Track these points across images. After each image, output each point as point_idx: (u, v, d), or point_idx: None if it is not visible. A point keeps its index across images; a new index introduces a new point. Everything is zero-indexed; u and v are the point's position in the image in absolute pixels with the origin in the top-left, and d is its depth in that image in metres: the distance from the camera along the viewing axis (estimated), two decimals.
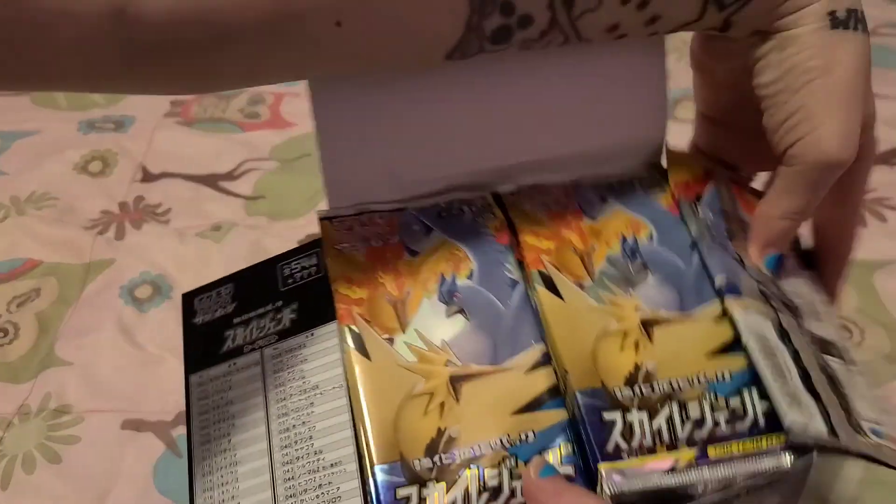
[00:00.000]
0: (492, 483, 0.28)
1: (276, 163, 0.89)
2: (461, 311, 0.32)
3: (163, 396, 0.62)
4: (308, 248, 0.37)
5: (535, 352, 0.31)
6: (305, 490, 0.30)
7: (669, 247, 0.34)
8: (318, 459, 0.31)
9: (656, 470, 0.28)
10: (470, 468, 0.29)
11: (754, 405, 0.30)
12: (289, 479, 0.31)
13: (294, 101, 1.01)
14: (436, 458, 0.29)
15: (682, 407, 0.30)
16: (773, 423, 0.29)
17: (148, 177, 0.87)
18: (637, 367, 0.30)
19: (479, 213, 0.35)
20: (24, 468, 0.57)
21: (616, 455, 0.29)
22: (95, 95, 1.03)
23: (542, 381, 0.31)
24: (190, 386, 0.36)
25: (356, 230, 0.35)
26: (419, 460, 0.29)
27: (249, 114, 0.99)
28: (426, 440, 0.29)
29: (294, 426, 0.32)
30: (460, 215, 0.35)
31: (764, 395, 0.30)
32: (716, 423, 0.29)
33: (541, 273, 0.33)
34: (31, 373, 0.64)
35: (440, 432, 0.29)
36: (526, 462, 0.29)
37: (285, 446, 0.32)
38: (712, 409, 0.30)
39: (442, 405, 0.30)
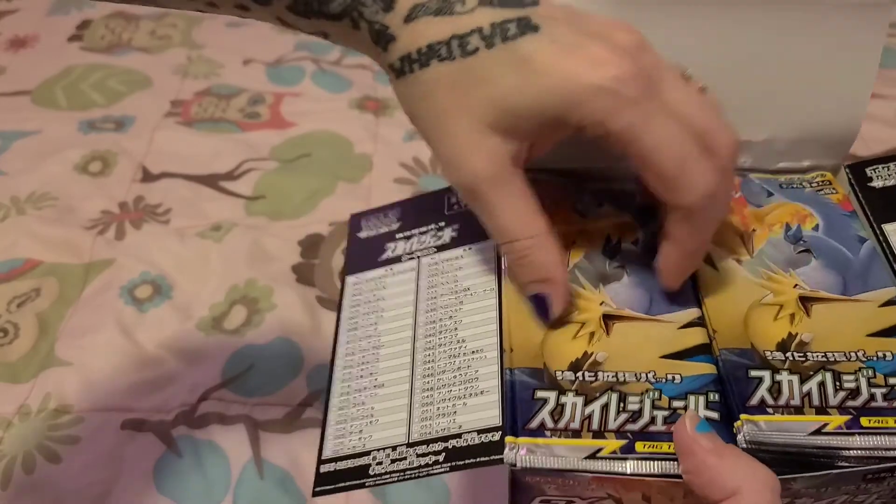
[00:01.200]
0: (632, 407, 0.30)
1: (275, 163, 0.89)
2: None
3: (163, 396, 0.62)
4: None
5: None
6: (444, 371, 0.33)
7: (836, 238, 0.35)
8: (460, 346, 0.33)
9: (802, 430, 0.28)
10: (613, 390, 0.30)
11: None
12: (428, 361, 0.34)
13: (294, 101, 1.01)
14: (579, 374, 0.31)
15: (837, 377, 0.30)
16: None
17: (148, 177, 0.87)
18: (791, 336, 0.31)
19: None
20: (23, 468, 0.57)
21: (760, 409, 0.29)
22: (95, 95, 1.03)
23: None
24: (346, 285, 0.39)
25: None
26: (562, 372, 0.31)
27: (249, 114, 0.98)
28: (571, 359, 0.31)
29: (440, 319, 0.35)
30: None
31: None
32: (872, 397, 0.29)
33: None
34: (31, 373, 0.64)
35: (586, 355, 0.31)
36: (670, 399, 0.30)
37: (429, 335, 0.34)
38: (869, 383, 0.29)
39: (592, 334, 0.32)
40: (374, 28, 0.30)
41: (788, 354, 0.30)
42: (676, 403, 0.30)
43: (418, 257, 0.38)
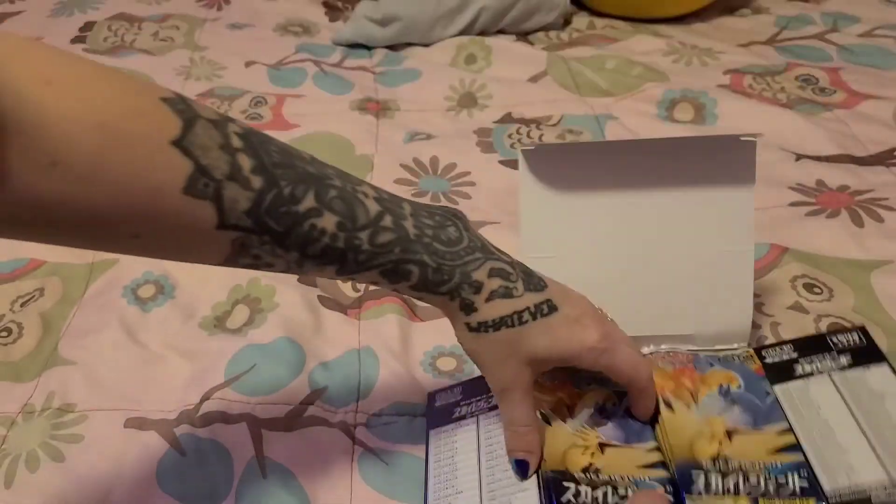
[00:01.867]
0: (620, 492, 0.48)
1: None
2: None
3: (165, 395, 0.62)
4: None
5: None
6: (500, 479, 0.51)
7: (752, 392, 0.54)
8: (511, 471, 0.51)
9: None
10: (608, 484, 0.48)
11: (795, 482, 0.48)
12: (489, 478, 0.52)
13: (296, 102, 1.02)
14: (588, 475, 0.49)
15: (745, 476, 0.48)
16: (807, 492, 0.47)
17: None
18: (719, 454, 0.50)
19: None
20: (27, 467, 0.57)
21: (697, 494, 0.48)
22: None
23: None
24: (430, 437, 0.58)
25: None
26: (578, 473, 0.49)
27: (252, 115, 0.99)
28: (583, 465, 0.50)
29: (497, 454, 0.53)
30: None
31: (801, 476, 0.48)
32: (766, 488, 0.47)
33: (662, 399, 0.54)
34: (34, 372, 0.65)
35: (591, 465, 0.50)
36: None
37: (490, 464, 0.52)
38: (765, 480, 0.48)
39: (593, 454, 0.51)
40: (465, 303, 0.46)
41: (717, 463, 0.49)
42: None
43: (476, 416, 0.57)
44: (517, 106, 1.00)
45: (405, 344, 0.66)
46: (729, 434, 0.51)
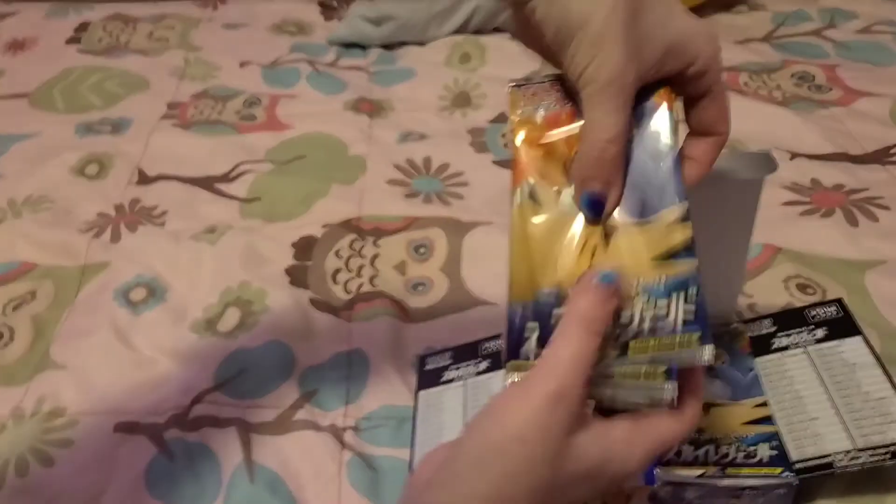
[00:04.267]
0: (723, 451, 0.47)
1: (270, 165, 0.89)
2: None
3: (155, 399, 0.62)
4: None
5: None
6: None
7: (736, 368, 0.51)
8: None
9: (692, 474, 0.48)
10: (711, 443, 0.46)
11: (765, 452, 0.48)
12: None
13: (290, 103, 1.02)
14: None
15: (717, 446, 0.49)
16: (774, 460, 0.49)
17: (144, 179, 0.88)
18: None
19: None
20: (16, 471, 0.57)
21: (670, 461, 0.49)
22: (93, 98, 1.04)
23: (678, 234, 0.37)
24: (419, 397, 0.59)
25: (539, 95, 0.42)
26: (571, 289, 0.37)
27: (245, 116, 0.99)
28: (578, 273, 0.37)
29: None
30: None
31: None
32: (735, 458, 0.47)
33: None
34: (25, 376, 0.65)
35: (590, 268, 0.37)
36: (657, 300, 0.36)
37: None
38: (736, 450, 0.47)
39: (594, 248, 0.38)
40: None
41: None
42: (661, 302, 0.36)
43: (464, 380, 0.58)
44: None
45: (396, 346, 0.66)
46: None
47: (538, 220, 0.39)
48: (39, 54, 1.16)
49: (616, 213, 0.38)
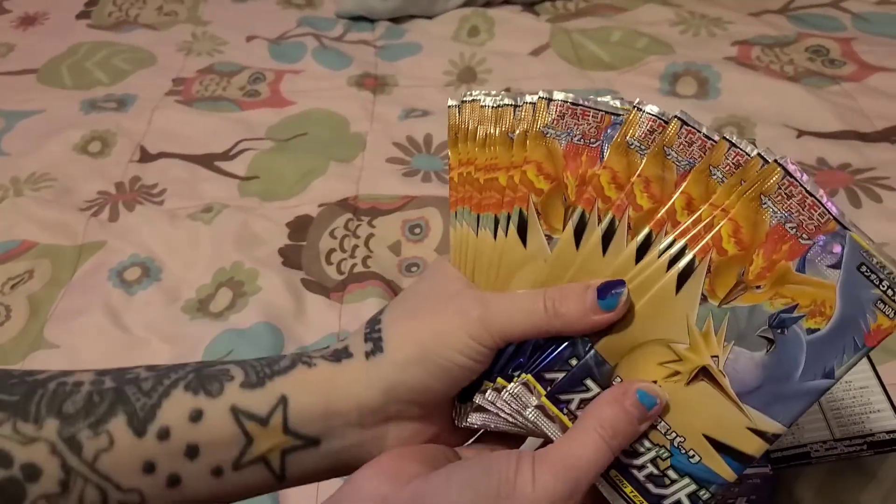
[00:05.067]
0: (638, 448, 0.33)
1: (271, 142, 0.89)
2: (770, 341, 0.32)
3: None
4: None
5: None
6: None
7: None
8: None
9: None
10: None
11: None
12: None
13: (294, 78, 1.01)
14: None
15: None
16: None
17: (146, 157, 0.88)
18: None
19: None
20: None
21: None
22: (100, 74, 1.04)
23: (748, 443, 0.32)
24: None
25: (566, 120, 0.36)
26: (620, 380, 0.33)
27: (249, 92, 0.99)
28: (649, 377, 0.33)
29: None
30: None
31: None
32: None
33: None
34: (19, 355, 0.66)
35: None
36: (672, 467, 0.33)
37: None
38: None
39: (676, 373, 0.33)
40: None
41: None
42: (671, 474, 0.32)
43: None
44: (516, 80, 0.98)
45: None
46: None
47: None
48: (49, 29, 1.17)
49: (730, 375, 0.32)
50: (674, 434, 0.32)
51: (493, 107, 0.37)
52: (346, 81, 1.00)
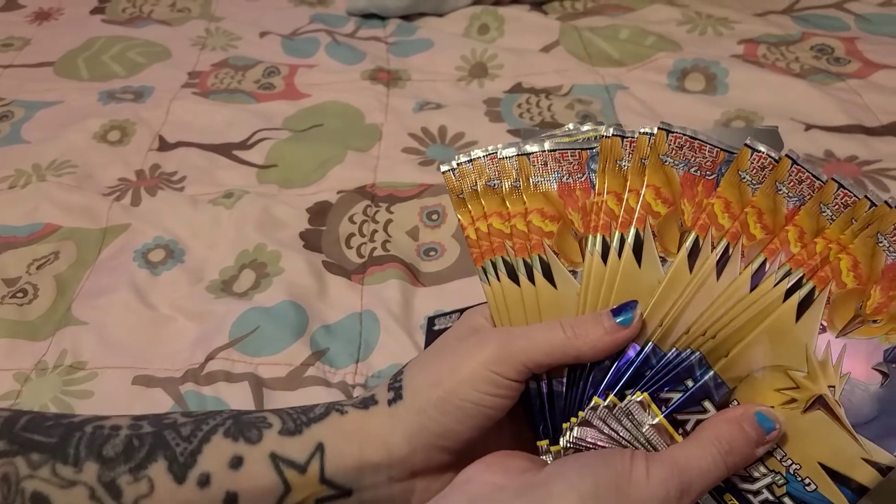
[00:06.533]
0: (754, 473, 0.34)
1: (288, 132, 0.91)
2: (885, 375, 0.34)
3: (172, 354, 0.64)
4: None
5: None
6: None
7: None
8: None
9: None
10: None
11: None
12: None
13: (308, 72, 1.03)
14: None
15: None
16: None
17: (164, 146, 0.90)
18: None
19: None
20: None
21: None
22: (116, 67, 1.06)
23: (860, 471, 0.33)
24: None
25: (550, 165, 0.39)
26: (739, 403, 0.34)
27: (264, 85, 1.00)
28: (769, 402, 0.34)
29: None
30: None
31: None
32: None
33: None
34: (48, 331, 0.67)
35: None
36: (788, 494, 0.33)
37: None
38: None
39: (793, 401, 0.34)
40: None
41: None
42: (787, 501, 0.33)
43: None
44: (528, 76, 1.00)
45: (406, 308, 0.67)
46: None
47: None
48: (64, 24, 1.18)
49: (845, 406, 0.33)
50: (789, 461, 0.33)
51: (507, 158, 0.40)
52: (359, 75, 1.01)
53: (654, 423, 0.34)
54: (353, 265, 0.72)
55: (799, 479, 0.33)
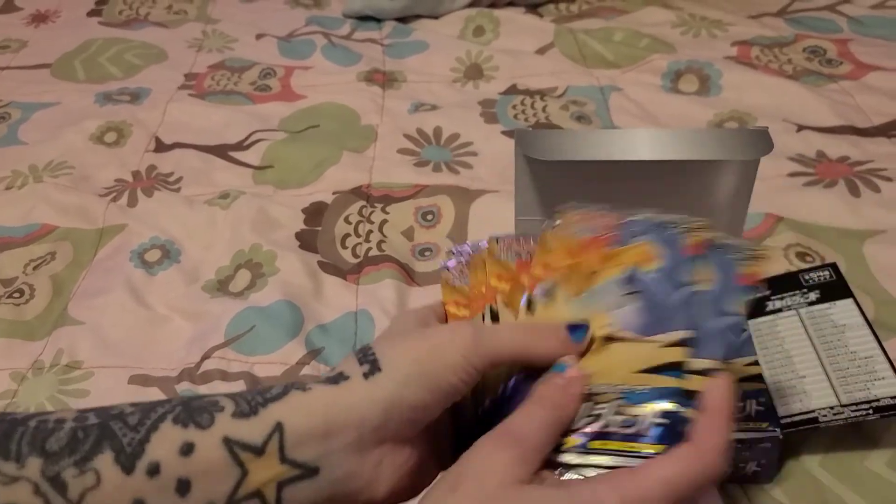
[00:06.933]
0: (598, 411, 0.36)
1: (284, 134, 0.91)
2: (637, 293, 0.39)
3: (168, 353, 0.65)
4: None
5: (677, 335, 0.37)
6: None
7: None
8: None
9: None
10: (588, 399, 0.36)
11: (752, 407, 0.49)
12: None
13: (304, 74, 1.03)
14: None
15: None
16: (761, 415, 0.49)
17: (161, 147, 0.90)
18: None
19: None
20: None
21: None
22: (112, 68, 1.06)
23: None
24: None
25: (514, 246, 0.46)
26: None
27: (260, 86, 1.01)
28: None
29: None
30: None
31: (762, 402, 0.50)
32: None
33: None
34: (45, 331, 0.67)
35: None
36: (632, 405, 0.36)
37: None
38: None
39: (587, 351, 0.38)
40: None
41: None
42: (635, 410, 0.36)
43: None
44: (523, 77, 1.00)
45: (401, 307, 0.68)
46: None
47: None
48: (61, 26, 1.19)
49: (625, 325, 0.38)
50: (614, 387, 0.36)
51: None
52: (355, 77, 1.02)
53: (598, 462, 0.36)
54: (349, 265, 0.73)
55: (632, 391, 0.36)
